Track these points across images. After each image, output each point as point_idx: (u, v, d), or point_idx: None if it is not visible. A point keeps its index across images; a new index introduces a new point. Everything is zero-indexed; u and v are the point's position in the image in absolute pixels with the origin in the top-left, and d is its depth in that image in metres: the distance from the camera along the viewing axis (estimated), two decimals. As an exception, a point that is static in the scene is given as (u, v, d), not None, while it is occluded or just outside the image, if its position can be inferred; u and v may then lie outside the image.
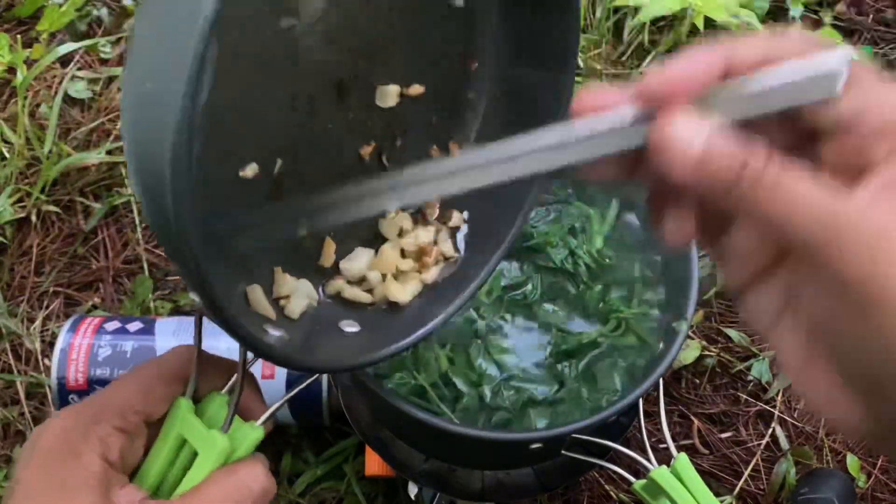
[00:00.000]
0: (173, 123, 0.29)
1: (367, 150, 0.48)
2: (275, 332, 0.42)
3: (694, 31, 0.92)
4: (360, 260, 0.50)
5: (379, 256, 0.50)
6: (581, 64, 0.91)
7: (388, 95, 0.48)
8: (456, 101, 0.52)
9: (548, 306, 0.64)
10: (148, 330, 0.74)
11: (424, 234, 0.51)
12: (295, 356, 0.42)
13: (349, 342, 0.46)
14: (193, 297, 0.36)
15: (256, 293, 0.44)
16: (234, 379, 0.44)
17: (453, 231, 0.53)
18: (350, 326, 0.47)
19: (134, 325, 0.75)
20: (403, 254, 0.51)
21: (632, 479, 0.60)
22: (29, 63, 0.95)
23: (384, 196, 0.40)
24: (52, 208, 0.88)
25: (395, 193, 0.39)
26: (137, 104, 0.32)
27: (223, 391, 0.44)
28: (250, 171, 0.42)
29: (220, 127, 0.39)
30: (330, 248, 0.49)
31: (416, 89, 0.49)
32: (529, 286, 0.64)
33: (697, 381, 0.82)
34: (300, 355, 0.42)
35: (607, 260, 0.64)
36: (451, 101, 0.52)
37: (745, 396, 0.81)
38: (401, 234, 0.51)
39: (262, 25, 0.40)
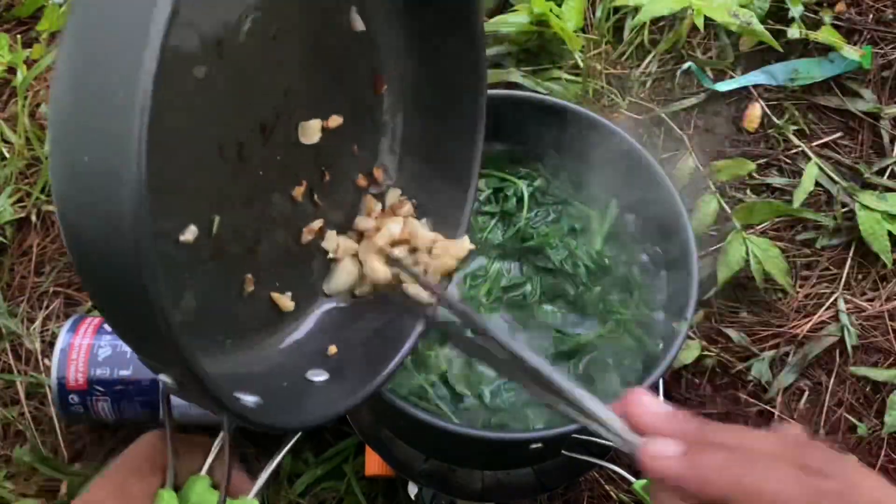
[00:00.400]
0: (131, 212, 0.28)
1: (299, 191, 0.48)
2: (248, 398, 0.40)
3: (694, 30, 0.92)
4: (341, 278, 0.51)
5: (366, 265, 0.50)
6: (581, 64, 0.91)
7: (311, 130, 0.48)
8: (373, 126, 0.53)
9: (547, 307, 0.64)
10: (148, 330, 0.74)
11: (395, 226, 0.52)
12: (278, 418, 0.40)
13: (322, 392, 0.45)
14: (164, 378, 0.34)
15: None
16: (212, 455, 0.43)
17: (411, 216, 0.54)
18: (318, 375, 0.46)
19: (134, 326, 0.75)
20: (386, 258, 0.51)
21: (632, 479, 0.60)
22: (29, 63, 0.95)
23: None
24: (52, 208, 0.88)
25: None
26: (76, 183, 0.29)
27: (202, 471, 0.43)
28: (190, 234, 0.41)
29: (153, 190, 0.39)
30: (283, 299, 0.49)
31: (335, 120, 0.49)
32: (528, 287, 0.64)
33: (697, 381, 0.82)
34: (281, 416, 0.41)
35: (607, 261, 0.64)
36: (368, 127, 0.53)
37: (745, 396, 0.81)
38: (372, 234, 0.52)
39: (177, 79, 0.39)
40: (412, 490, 0.70)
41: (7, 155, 0.90)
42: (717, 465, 0.29)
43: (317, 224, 0.50)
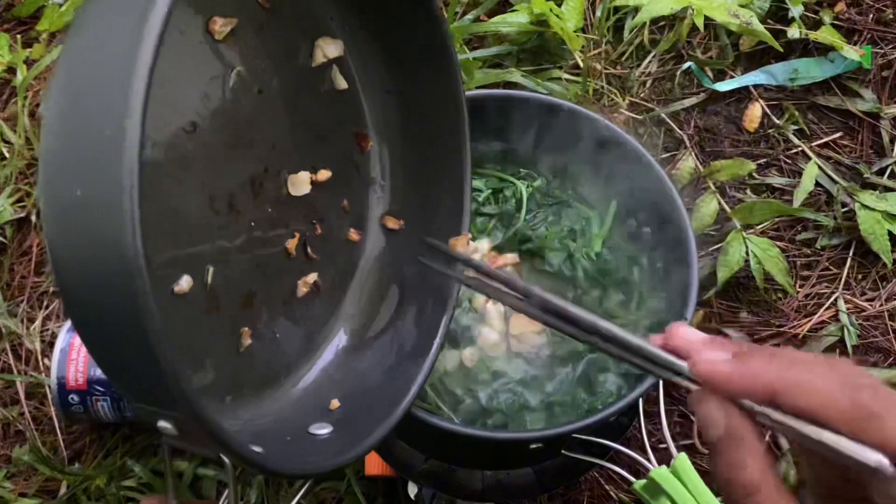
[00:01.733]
0: (130, 245, 0.28)
1: (292, 244, 0.49)
2: (254, 448, 0.39)
3: (694, 30, 0.92)
4: None
5: None
6: (581, 64, 0.91)
7: (301, 183, 0.49)
8: (361, 181, 0.54)
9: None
10: (148, 330, 0.74)
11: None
12: (285, 466, 0.40)
13: (326, 445, 0.45)
14: (163, 425, 0.34)
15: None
16: None
17: None
18: (321, 429, 0.46)
19: (134, 325, 0.75)
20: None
21: (632, 479, 0.60)
22: (29, 63, 0.95)
23: None
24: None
25: None
26: (69, 220, 0.29)
27: None
28: (185, 283, 0.41)
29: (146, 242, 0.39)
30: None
31: (324, 174, 0.50)
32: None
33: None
34: (287, 465, 0.40)
35: (606, 263, 0.64)
36: (357, 182, 0.54)
37: (745, 396, 0.81)
38: None
39: (166, 131, 0.39)
40: (412, 490, 0.70)
41: (7, 155, 0.90)
42: (763, 363, 0.31)
43: (311, 278, 0.51)
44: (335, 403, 0.48)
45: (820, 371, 0.31)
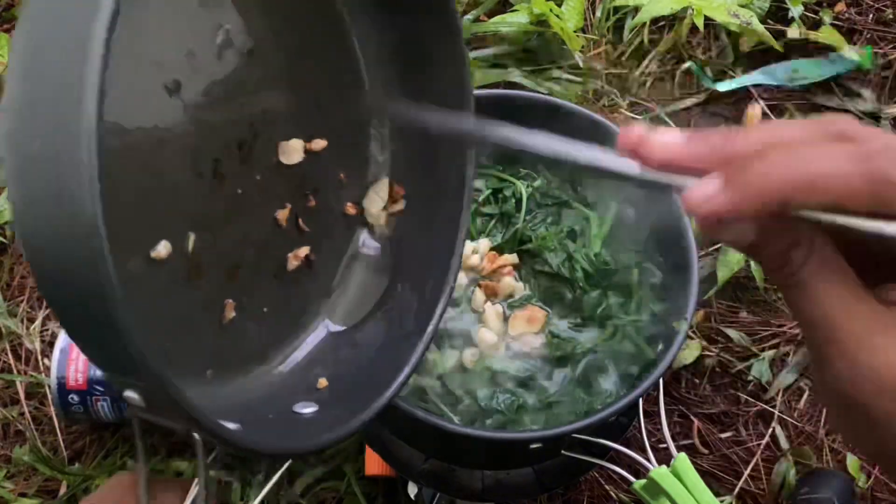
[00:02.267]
0: (88, 198, 0.26)
1: (283, 215, 0.47)
2: (230, 425, 0.37)
3: (694, 30, 0.92)
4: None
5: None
6: (581, 64, 0.91)
7: (293, 151, 0.47)
8: (360, 155, 0.52)
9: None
10: (148, 330, 0.74)
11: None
12: (261, 444, 0.38)
13: (309, 424, 0.44)
14: (130, 395, 0.32)
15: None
16: (189, 500, 0.40)
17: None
18: (306, 408, 0.45)
19: (134, 325, 0.75)
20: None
21: (632, 478, 0.60)
22: (29, 63, 0.95)
23: None
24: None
25: None
26: (28, 174, 0.28)
27: None
28: (163, 249, 0.39)
29: (121, 204, 0.35)
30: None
31: (319, 143, 0.48)
32: (526, 290, 0.64)
33: (697, 381, 0.82)
34: (264, 443, 0.39)
35: (605, 264, 0.64)
36: (355, 155, 0.52)
37: (745, 396, 0.81)
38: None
39: (146, 88, 0.37)
40: (412, 490, 0.70)
41: (7, 155, 0.90)
42: (762, 173, 0.27)
43: (303, 251, 0.49)
44: (323, 382, 0.47)
45: (825, 154, 0.27)
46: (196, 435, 0.35)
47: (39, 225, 0.29)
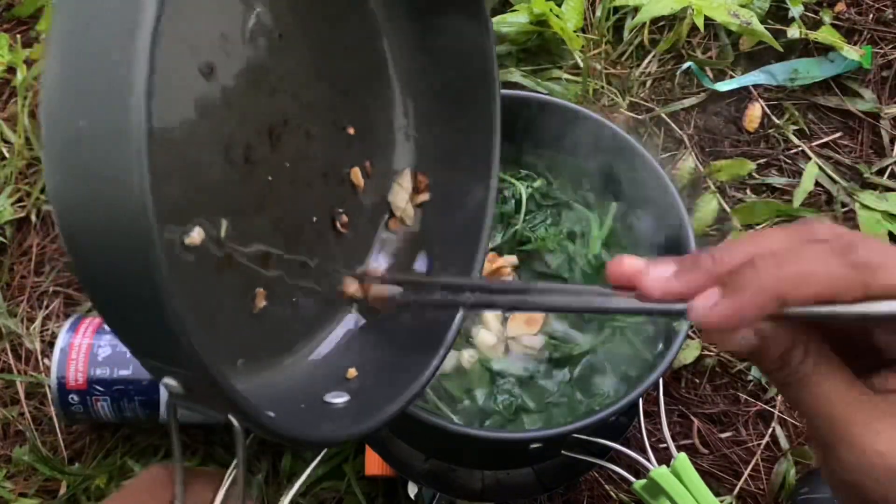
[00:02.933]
0: (137, 183, 0.25)
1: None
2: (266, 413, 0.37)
3: (694, 30, 0.92)
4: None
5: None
6: (581, 64, 0.91)
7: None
8: (386, 140, 0.52)
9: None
10: (148, 330, 0.74)
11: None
12: (299, 431, 0.37)
13: (341, 414, 0.43)
14: (168, 382, 0.32)
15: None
16: (223, 490, 0.40)
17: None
18: (337, 398, 0.44)
19: (134, 325, 0.74)
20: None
21: (632, 478, 0.60)
22: (29, 63, 0.95)
23: None
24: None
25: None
26: (74, 155, 0.27)
27: None
28: (197, 235, 0.38)
29: (158, 190, 0.38)
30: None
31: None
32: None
33: (697, 380, 0.82)
34: (301, 431, 0.38)
35: (605, 265, 0.64)
36: (381, 141, 0.52)
37: (745, 396, 0.81)
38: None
39: (181, 70, 0.37)
40: (412, 490, 0.70)
41: (7, 155, 0.90)
42: (757, 278, 0.29)
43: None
44: (352, 372, 0.47)
45: (810, 255, 0.29)
46: (236, 424, 0.34)
47: (83, 206, 0.28)
